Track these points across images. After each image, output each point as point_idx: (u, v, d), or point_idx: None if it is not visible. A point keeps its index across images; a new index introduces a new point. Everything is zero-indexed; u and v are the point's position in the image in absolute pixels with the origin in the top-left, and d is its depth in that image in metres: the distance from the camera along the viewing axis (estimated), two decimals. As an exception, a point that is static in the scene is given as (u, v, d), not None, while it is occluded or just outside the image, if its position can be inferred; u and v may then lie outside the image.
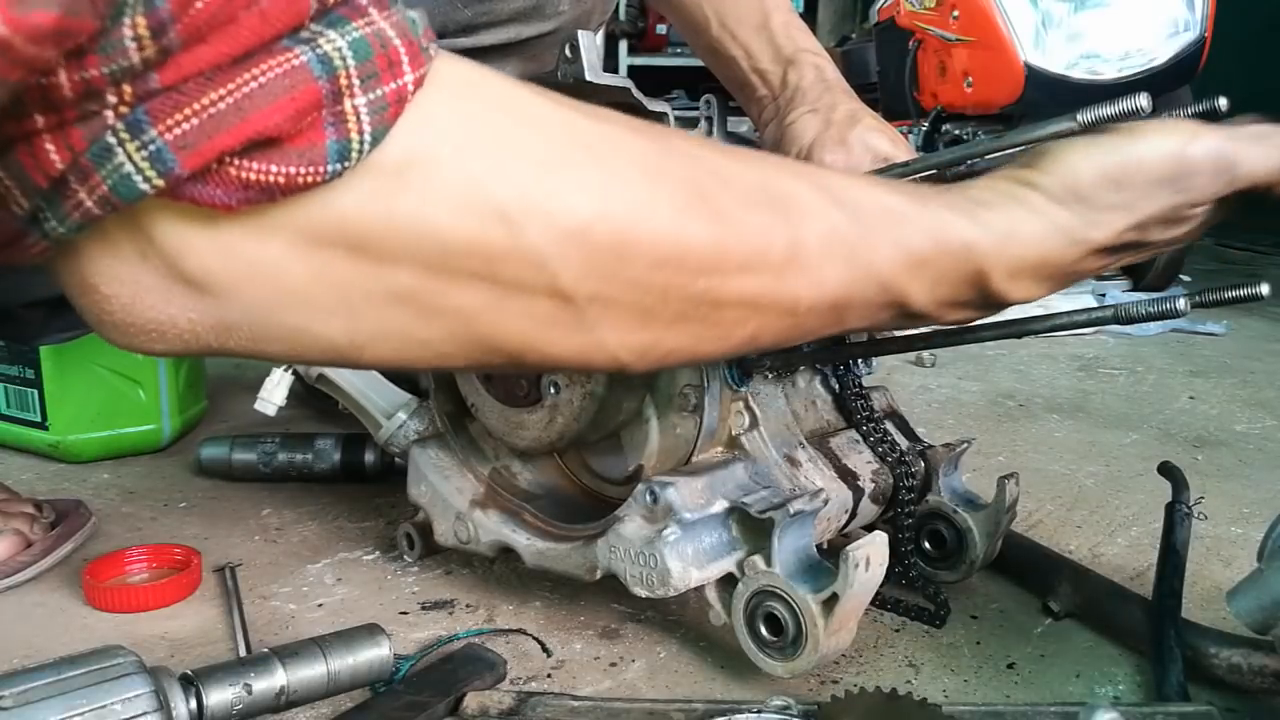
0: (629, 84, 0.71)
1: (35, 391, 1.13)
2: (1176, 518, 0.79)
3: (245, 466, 1.09)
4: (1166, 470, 0.84)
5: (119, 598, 0.81)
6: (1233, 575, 0.88)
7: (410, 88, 0.40)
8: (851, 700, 0.60)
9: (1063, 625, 0.80)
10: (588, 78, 0.69)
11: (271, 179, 0.38)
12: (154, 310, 0.41)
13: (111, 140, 0.35)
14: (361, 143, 0.39)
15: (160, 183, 0.36)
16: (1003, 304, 0.59)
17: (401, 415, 0.98)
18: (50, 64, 0.33)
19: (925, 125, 2.13)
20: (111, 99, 0.35)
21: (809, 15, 4.14)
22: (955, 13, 2.07)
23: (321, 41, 0.37)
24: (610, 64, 4.70)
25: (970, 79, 2.05)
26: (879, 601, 0.80)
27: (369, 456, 1.08)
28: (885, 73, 2.47)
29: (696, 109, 0.84)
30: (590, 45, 0.69)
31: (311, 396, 1.25)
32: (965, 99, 2.08)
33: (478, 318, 0.45)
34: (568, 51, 0.70)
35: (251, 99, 0.36)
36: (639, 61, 4.88)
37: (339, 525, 0.99)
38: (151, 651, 0.74)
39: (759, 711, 0.61)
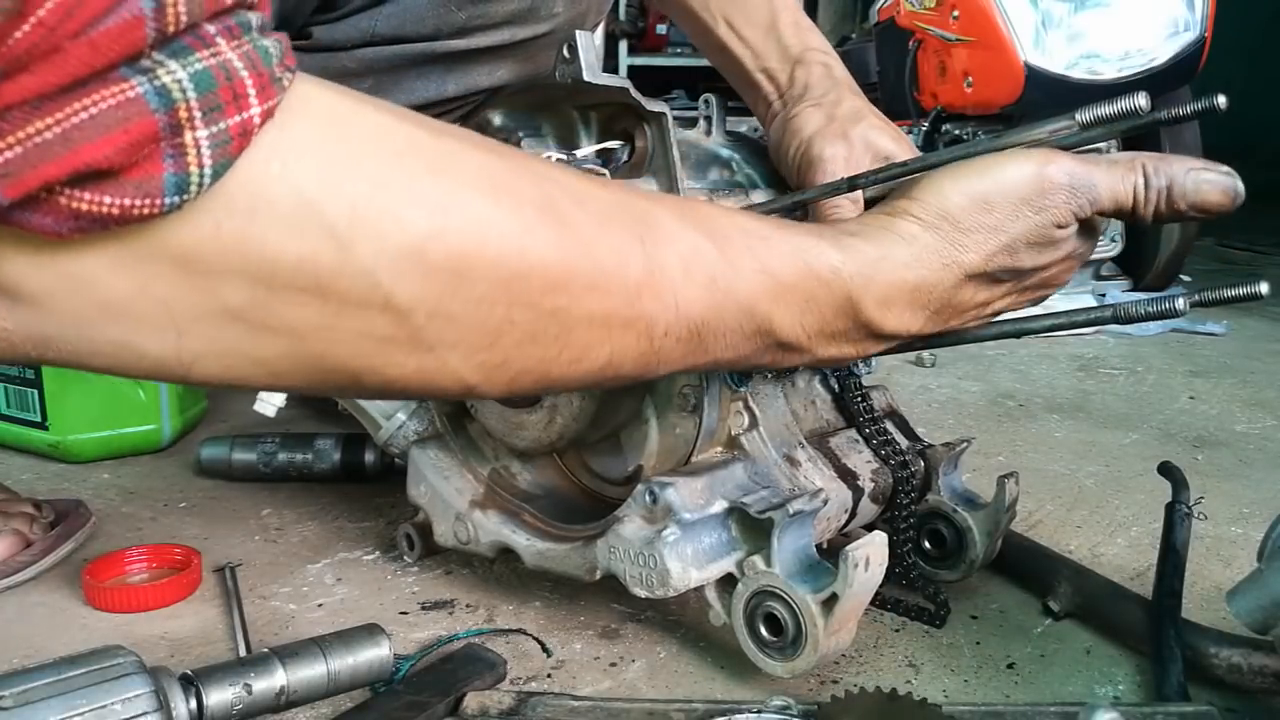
0: (628, 84, 0.71)
1: (35, 391, 1.13)
2: (1176, 518, 0.79)
3: (245, 466, 1.09)
4: (1166, 470, 0.84)
5: (119, 598, 0.81)
6: (1233, 575, 0.88)
7: (256, 120, 0.39)
8: (851, 700, 0.60)
9: (1063, 625, 0.80)
10: (586, 78, 0.69)
11: (104, 210, 0.37)
12: None
13: None
14: (201, 176, 0.38)
15: None
16: (878, 335, 0.61)
17: (401, 416, 0.98)
18: None
19: (925, 125, 2.13)
20: None
21: (808, 16, 4.14)
22: (955, 13, 2.06)
23: (161, 73, 0.36)
24: (610, 64, 4.70)
25: (970, 79, 2.05)
26: (879, 601, 0.80)
27: (369, 456, 1.09)
28: (885, 73, 2.47)
29: (696, 109, 0.84)
30: (589, 45, 0.69)
31: (312, 396, 1.26)
32: (965, 99, 2.08)
33: (311, 335, 0.44)
34: (565, 52, 0.70)
35: (81, 129, 0.35)
36: (639, 61, 4.88)
37: (339, 525, 0.99)
38: (151, 651, 0.74)
39: (759, 711, 0.61)
